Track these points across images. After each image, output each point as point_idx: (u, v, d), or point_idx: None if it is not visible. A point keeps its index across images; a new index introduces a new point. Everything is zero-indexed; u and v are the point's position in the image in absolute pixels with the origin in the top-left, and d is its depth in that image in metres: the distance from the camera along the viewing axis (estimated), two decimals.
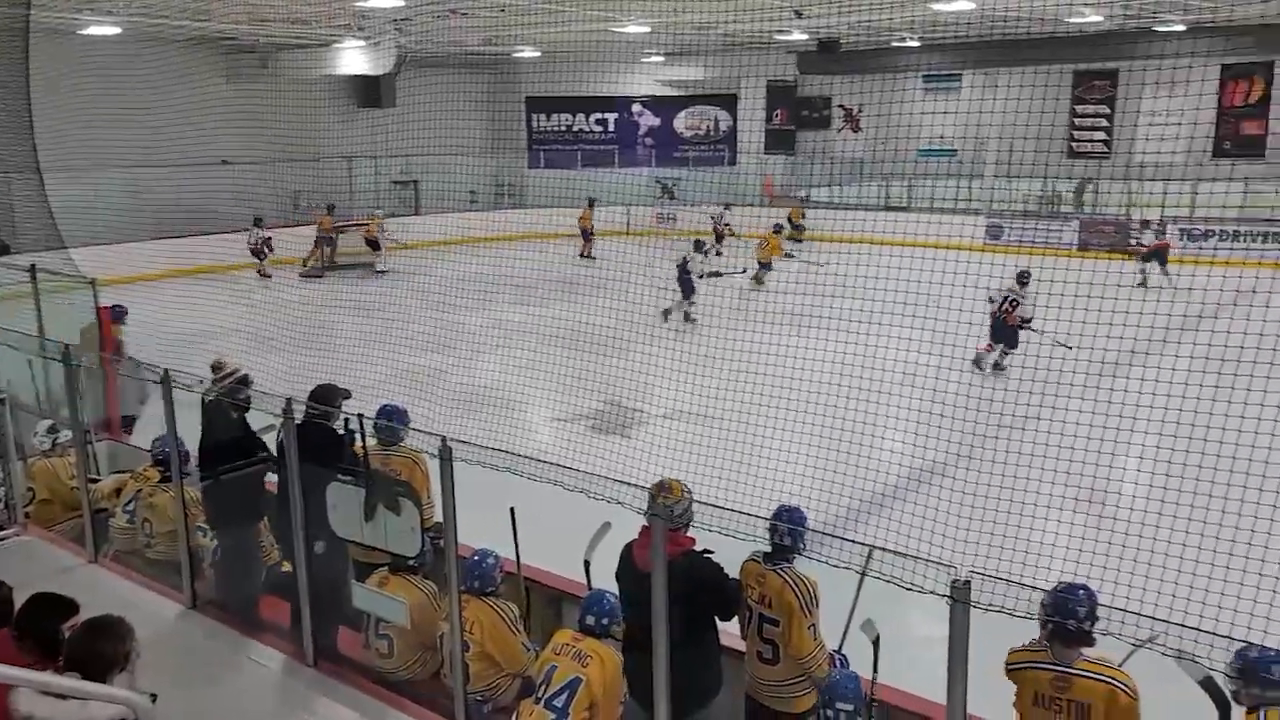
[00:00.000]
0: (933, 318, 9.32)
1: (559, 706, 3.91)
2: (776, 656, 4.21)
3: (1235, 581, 4.86)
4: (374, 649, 4.79)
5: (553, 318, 14.53)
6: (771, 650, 4.22)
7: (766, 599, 4.19)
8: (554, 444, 9.72)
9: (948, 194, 23.53)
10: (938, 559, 2.99)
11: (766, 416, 8.55)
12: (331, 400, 5.08)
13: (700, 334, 9.66)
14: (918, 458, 8.79)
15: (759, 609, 4.23)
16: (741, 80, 27.70)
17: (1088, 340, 8.23)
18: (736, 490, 5.97)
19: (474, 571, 4.50)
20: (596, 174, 24.96)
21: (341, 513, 4.44)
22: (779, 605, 4.15)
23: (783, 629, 4.16)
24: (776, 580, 4.16)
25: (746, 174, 26.54)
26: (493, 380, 11.71)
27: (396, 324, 14.44)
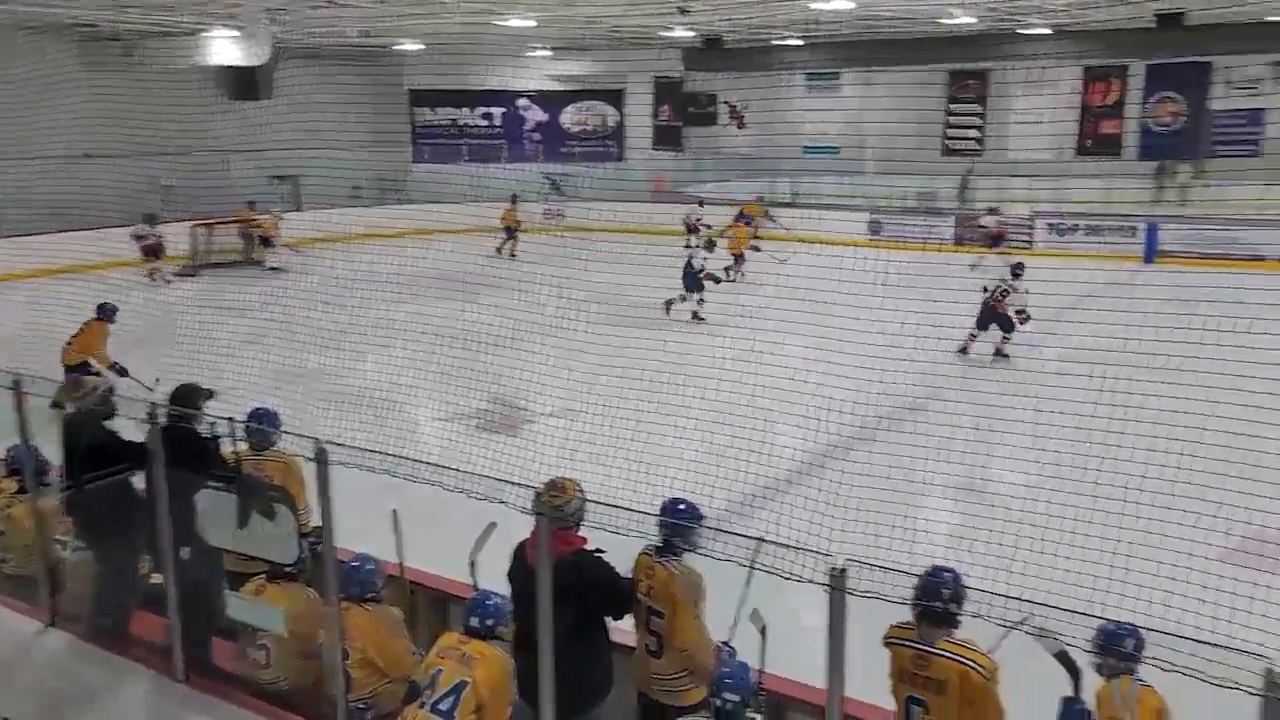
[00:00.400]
0: (816, 312, 9.51)
1: (445, 710, 3.84)
2: (661, 649, 4.23)
3: (1092, 561, 5.12)
4: (251, 660, 4.63)
5: (438, 316, 14.32)
6: (656, 642, 4.24)
7: (653, 591, 4.20)
8: (441, 444, 9.57)
9: (831, 190, 24.08)
10: (819, 549, 3.04)
11: (654, 413, 8.59)
12: (193, 402, 4.87)
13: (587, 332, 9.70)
14: (803, 451, 8.97)
15: (647, 601, 4.25)
16: (628, 76, 27.80)
17: (961, 333, 8.52)
18: (626, 487, 5.98)
19: (353, 577, 4.38)
20: (483, 169, 24.68)
21: (212, 520, 4.27)
22: (664, 597, 4.16)
23: (667, 621, 4.18)
24: (663, 572, 4.17)
25: (635, 170, 26.64)
26: (377, 380, 11.45)
27: (276, 323, 14.01)
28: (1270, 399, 6.41)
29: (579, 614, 4.04)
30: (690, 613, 4.13)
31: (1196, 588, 4.58)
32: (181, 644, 4.61)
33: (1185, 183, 24.36)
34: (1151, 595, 4.40)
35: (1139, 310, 7.23)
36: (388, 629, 4.38)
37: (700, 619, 4.18)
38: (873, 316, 8.42)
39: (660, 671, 4.26)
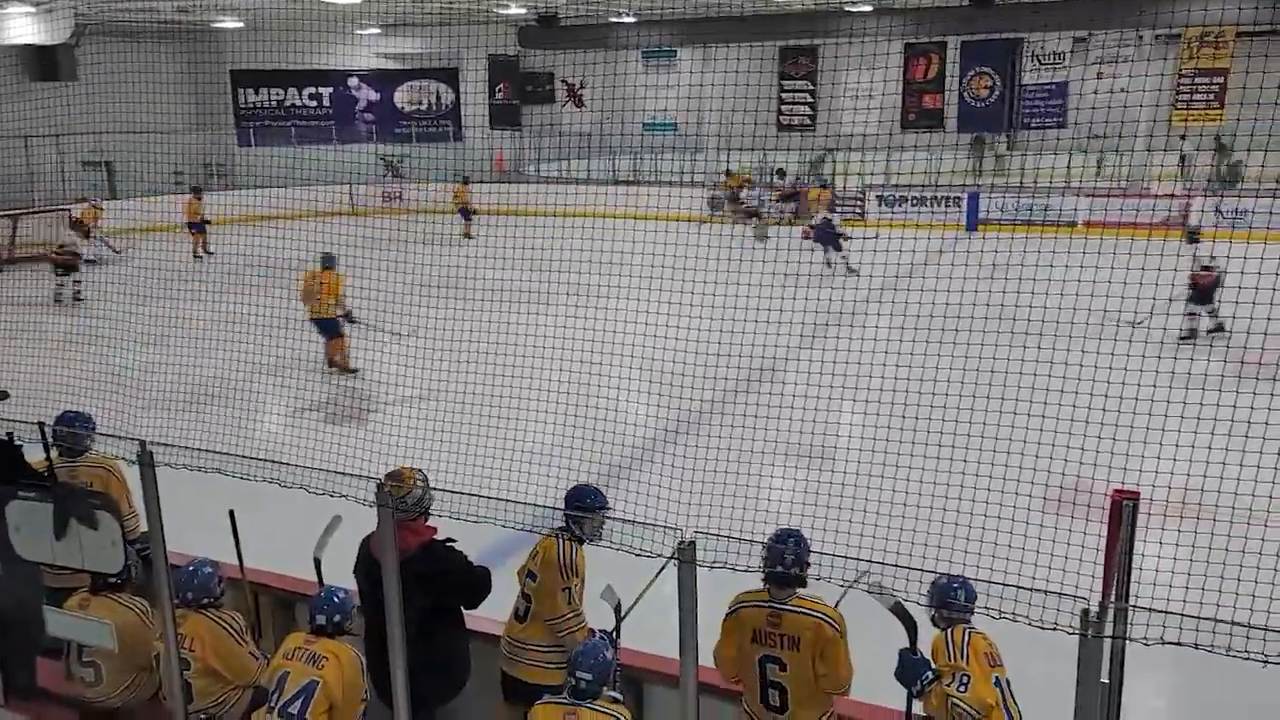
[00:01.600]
0: (660, 289, 9.63)
1: (295, 713, 3.71)
2: (527, 615, 4.25)
3: (924, 519, 5.38)
4: (78, 679, 4.35)
5: (273, 305, 13.74)
6: (525, 607, 4.26)
7: (537, 558, 4.24)
8: (284, 439, 9.23)
9: (671, 167, 24.36)
10: (667, 524, 3.08)
11: (504, 395, 8.52)
12: None
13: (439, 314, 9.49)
14: (650, 427, 9.08)
15: (529, 566, 4.28)
16: (463, 54, 27.29)
17: (805, 304, 8.80)
18: (480, 472, 5.92)
19: (189, 582, 4.17)
20: (314, 151, 23.78)
21: (26, 533, 3.97)
22: (541, 562, 4.19)
23: (538, 584, 4.20)
24: (552, 544, 4.20)
25: (475, 149, 26.23)
26: (212, 375, 10.92)
27: (95, 320, 13.16)
28: (1086, 356, 6.87)
29: (431, 605, 3.98)
30: (561, 583, 4.15)
31: (1019, 537, 4.88)
32: (3, 668, 4.29)
33: (1000, 153, 25.83)
34: (979, 548, 4.65)
35: (963, 276, 7.61)
36: (229, 634, 4.19)
37: (571, 597, 4.19)
38: (713, 291, 8.59)
39: (522, 639, 4.27)
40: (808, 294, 8.75)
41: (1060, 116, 24.35)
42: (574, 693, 3.51)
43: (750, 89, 20.65)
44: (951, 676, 3.38)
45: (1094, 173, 21.82)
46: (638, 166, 25.50)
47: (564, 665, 4.11)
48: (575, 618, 4.22)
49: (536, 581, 4.23)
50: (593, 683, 3.50)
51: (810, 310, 8.79)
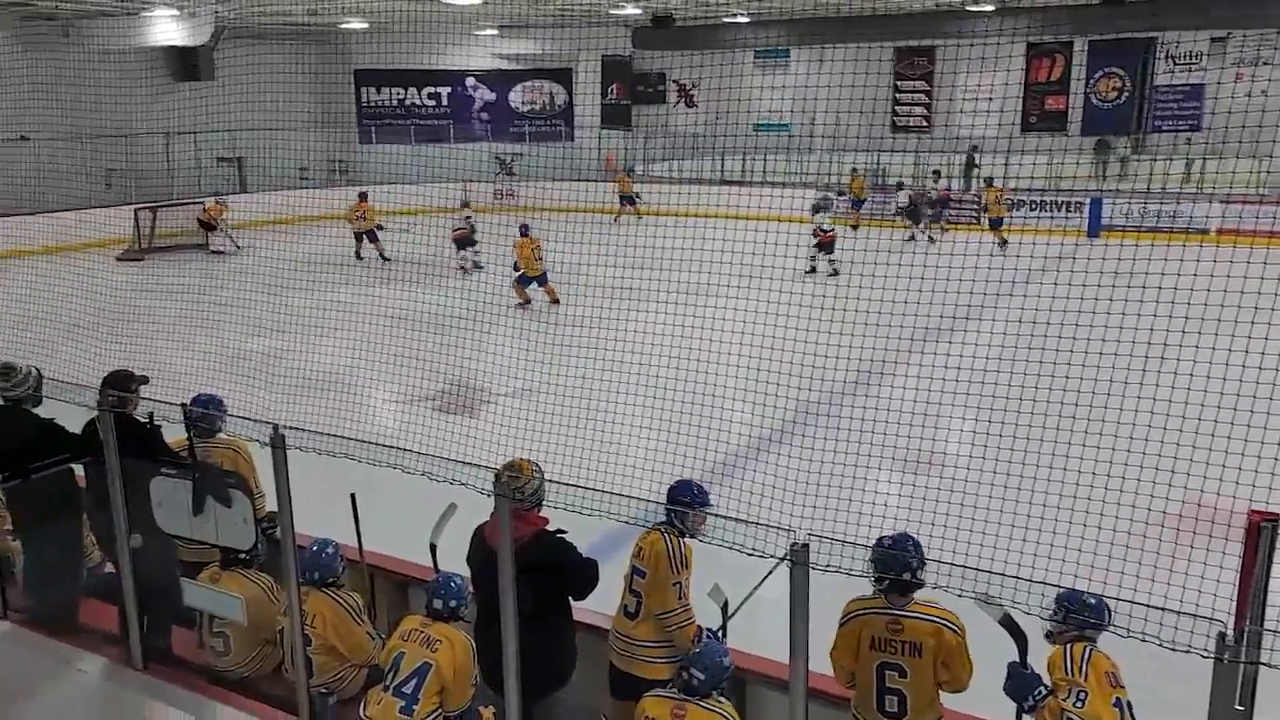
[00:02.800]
0: (769, 289, 9.59)
1: (408, 693, 3.84)
2: (639, 610, 4.25)
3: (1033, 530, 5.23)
4: (209, 647, 4.58)
5: (391, 298, 14.17)
6: (635, 603, 4.27)
7: (643, 554, 4.24)
8: (398, 427, 9.51)
9: (781, 168, 24.18)
10: (779, 524, 3.08)
11: (612, 390, 8.60)
12: (128, 387, 4.78)
13: (544, 311, 9.70)
14: (757, 427, 9.04)
15: (633, 561, 4.29)
16: (577, 55, 27.61)
17: (916, 307, 8.64)
18: (587, 466, 5.99)
19: (314, 562, 4.35)
20: (432, 149, 24.42)
21: (167, 508, 4.21)
22: (650, 557, 4.19)
23: (648, 581, 4.20)
24: (658, 538, 4.20)
25: (586, 149, 26.52)
26: (331, 363, 11.33)
27: (226, 307, 13.79)
28: (1214, 368, 6.57)
29: (540, 595, 4.01)
30: (671, 577, 4.15)
31: (1145, 554, 4.71)
32: (142, 632, 4.56)
33: (1125, 157, 24.84)
34: (1102, 563, 4.51)
35: (1084, 284, 7.38)
36: (349, 614, 4.36)
37: (682, 587, 4.18)
38: (822, 292, 8.50)
39: (634, 635, 4.28)
40: (920, 296, 8.58)
41: (1195, 120, 23.30)
42: (685, 689, 3.53)
43: (864, 90, 20.35)
44: (1068, 692, 3.28)
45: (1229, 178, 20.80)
46: (748, 167, 25.40)
47: (674, 660, 4.14)
48: (685, 612, 4.21)
49: (646, 578, 4.22)
50: (705, 683, 3.52)
51: (924, 313, 8.63)
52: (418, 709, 3.80)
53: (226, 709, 4.22)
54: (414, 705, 3.80)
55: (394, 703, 3.81)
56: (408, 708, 3.80)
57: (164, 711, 4.21)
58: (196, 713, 4.20)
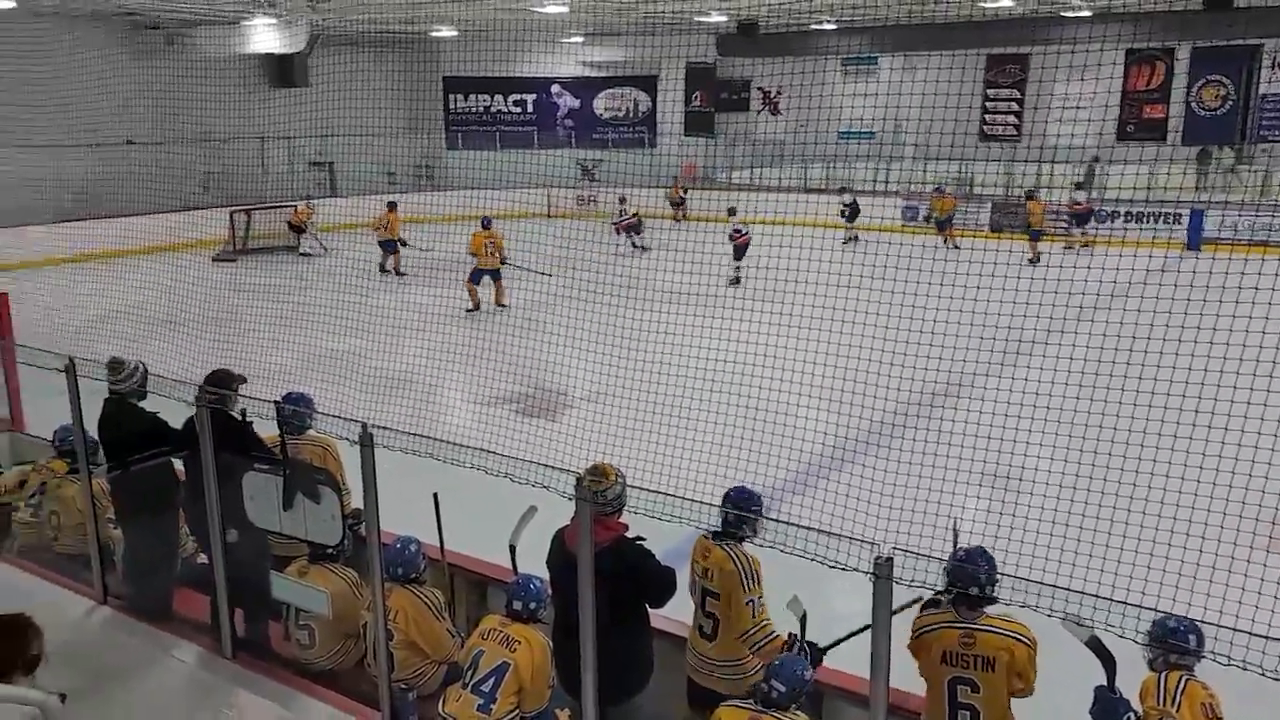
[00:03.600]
0: (851, 297, 9.49)
1: (486, 691, 3.88)
2: (715, 632, 4.23)
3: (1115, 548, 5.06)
4: (294, 640, 4.70)
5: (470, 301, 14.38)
6: (711, 625, 4.24)
7: (710, 573, 4.21)
8: (477, 428, 9.63)
9: (867, 175, 23.90)
10: (859, 536, 3.04)
11: (690, 398, 8.59)
12: (228, 386, 4.94)
13: (624, 315, 9.75)
14: (836, 437, 8.93)
15: (702, 583, 4.25)
16: (661, 62, 27.71)
17: (1002, 320, 8.45)
18: (663, 472, 5.99)
19: (397, 559, 4.43)
20: (516, 155, 24.74)
21: (259, 502, 4.33)
22: (720, 578, 4.16)
23: (723, 602, 4.17)
24: (720, 553, 4.17)
25: (668, 156, 26.59)
26: (412, 364, 11.54)
27: (313, 308, 14.15)
28: None
29: (619, 602, 3.98)
30: (745, 595, 4.11)
31: (1245, 578, 4.52)
32: (238, 624, 4.71)
33: (1228, 167, 23.93)
34: (1194, 586, 4.34)
35: (1187, 298, 7.12)
36: (430, 611, 4.42)
37: (756, 603, 4.13)
38: (905, 301, 8.37)
39: (713, 655, 4.26)
40: (1012, 309, 8.38)
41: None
42: (764, 700, 3.51)
43: (953, 97, 20.03)
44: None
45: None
46: (831, 174, 25.16)
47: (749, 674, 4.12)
48: (765, 628, 4.15)
49: (720, 600, 4.19)
50: (784, 695, 3.49)
51: (1014, 326, 8.44)
52: (495, 708, 3.84)
53: (311, 700, 4.31)
54: (491, 704, 3.84)
55: (472, 700, 3.86)
56: (485, 706, 3.84)
57: (252, 700, 4.33)
58: (282, 703, 4.31)
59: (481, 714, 3.85)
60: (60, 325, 10.01)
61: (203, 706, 4.39)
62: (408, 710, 4.26)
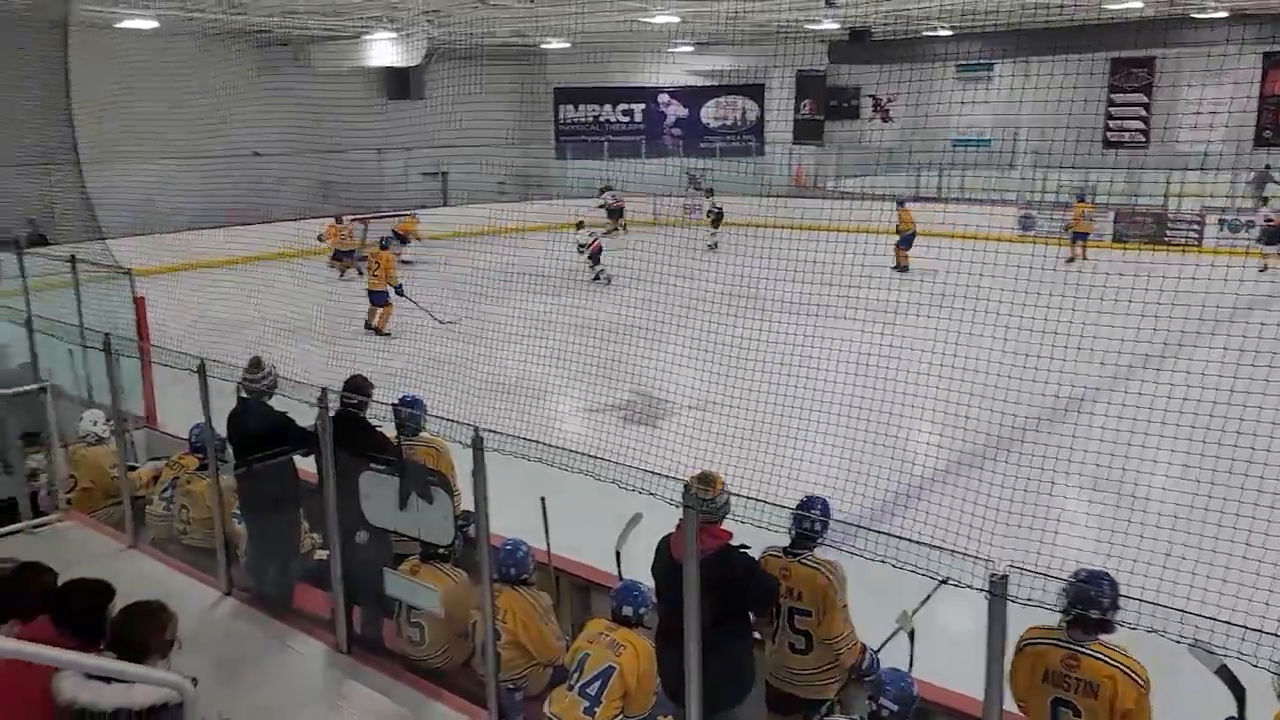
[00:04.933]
0: (962, 308, 9.27)
1: (592, 694, 3.92)
2: (809, 646, 4.21)
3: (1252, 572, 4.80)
4: (405, 637, 4.83)
5: (578, 308, 14.55)
6: (804, 640, 4.22)
7: (795, 591, 4.19)
8: (582, 434, 9.73)
9: (980, 184, 23.32)
10: (972, 552, 2.97)
11: (796, 408, 8.51)
12: (365, 391, 5.13)
13: (730, 324, 9.75)
14: (946, 450, 8.73)
15: (788, 602, 4.23)
16: (770, 70, 27.56)
17: (1127, 333, 8.13)
18: (766, 482, 5.95)
19: (508, 560, 4.52)
20: (623, 164, 24.94)
21: (375, 501, 4.47)
22: (810, 594, 4.14)
23: (815, 616, 4.16)
24: (804, 570, 4.17)
25: (776, 164, 26.42)
26: (520, 370, 11.74)
27: (423, 313, 14.54)
28: None
29: (723, 609, 3.98)
30: (839, 603, 4.13)
31: None
32: (357, 620, 4.87)
33: None
34: None
35: None
36: (538, 612, 4.49)
37: (847, 608, 4.17)
38: (1022, 314, 8.13)
39: (805, 667, 4.25)
40: (1127, 321, 8.07)
41: None
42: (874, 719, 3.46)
43: (1074, 103, 19.36)
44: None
45: None
46: (944, 183, 24.63)
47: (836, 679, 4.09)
48: (852, 634, 4.19)
49: (813, 617, 4.18)
50: (896, 714, 3.44)
51: (1135, 339, 8.11)
52: (600, 711, 3.87)
53: (421, 696, 4.42)
54: (597, 707, 3.88)
55: (578, 702, 3.91)
56: (591, 709, 3.89)
57: (365, 694, 4.46)
58: (394, 698, 4.43)
59: (587, 716, 3.90)
60: (190, 327, 10.50)
61: (320, 697, 4.54)
62: (514, 710, 4.33)
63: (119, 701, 2.79)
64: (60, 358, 7.79)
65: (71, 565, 3.75)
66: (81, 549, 5.82)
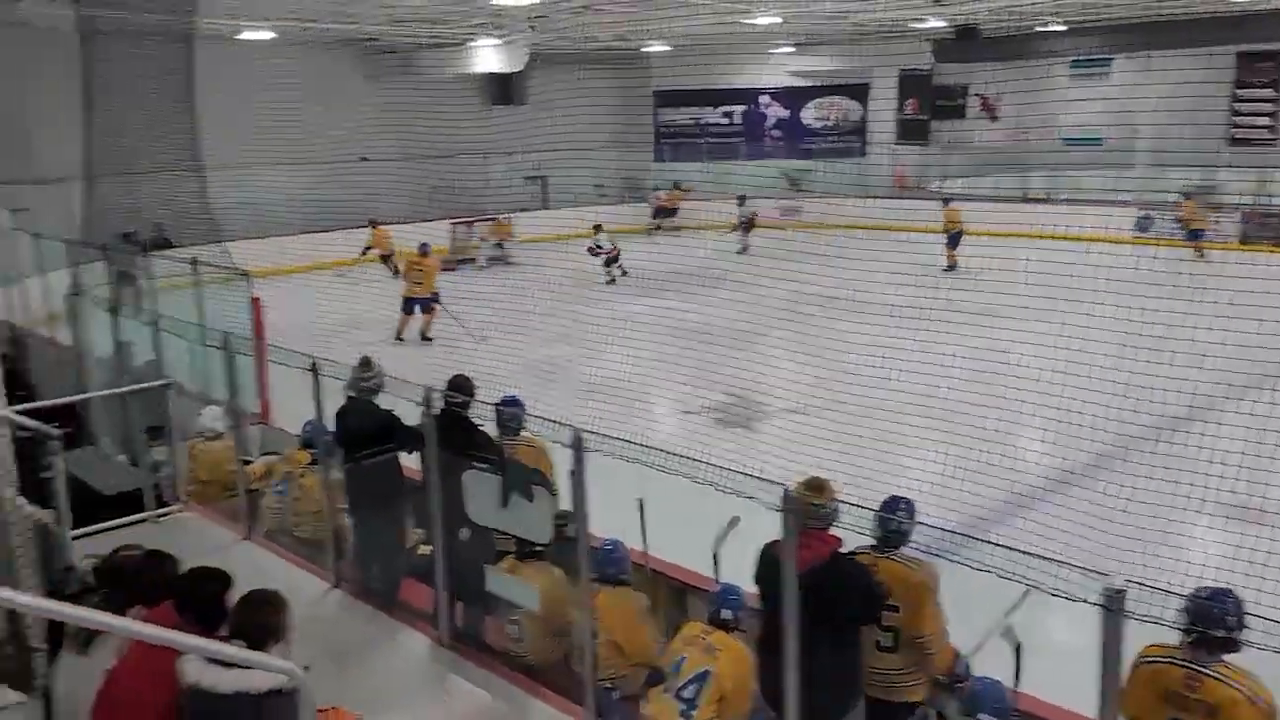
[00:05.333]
0: (1075, 312, 8.97)
1: (688, 698, 3.92)
2: (896, 644, 4.15)
3: None
4: (505, 633, 4.90)
5: (675, 311, 14.55)
6: (891, 638, 4.16)
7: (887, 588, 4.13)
8: (678, 436, 9.73)
9: (1093, 184, 22.51)
10: (1084, 565, 2.87)
11: (896, 413, 8.36)
12: (468, 390, 5.23)
13: (825, 327, 9.66)
14: (1056, 458, 8.45)
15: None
16: (873, 70, 27.13)
17: (1253, 339, 7.74)
18: (862, 487, 5.86)
19: (607, 560, 4.55)
20: (722, 166, 24.88)
21: (477, 499, 4.55)
22: (901, 589, 4.09)
23: (904, 613, 4.10)
24: (894, 566, 4.12)
25: (878, 165, 25.99)
26: (616, 372, 11.81)
27: (524, 315, 14.74)
28: None
29: (833, 618, 3.92)
30: (932, 599, 4.08)
31: None
32: (459, 615, 4.96)
33: None
34: None
35: None
36: (635, 613, 4.51)
37: (939, 612, 4.10)
38: (1140, 318, 7.83)
39: (891, 667, 4.18)
40: (1258, 328, 7.68)
41: None
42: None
43: (1196, 99, 18.55)
44: None
45: None
46: (1054, 183, 23.85)
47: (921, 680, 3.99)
48: (944, 632, 4.11)
49: (901, 613, 4.11)
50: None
51: (1262, 345, 7.73)
52: (697, 715, 3.87)
53: (520, 693, 4.48)
54: (693, 711, 3.87)
55: (674, 705, 3.90)
56: (687, 712, 3.88)
57: (467, 688, 4.55)
58: (494, 693, 4.50)
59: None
60: (301, 328, 10.86)
61: (423, 689, 4.64)
62: (612, 709, 4.35)
63: (237, 685, 2.90)
64: (181, 355, 8.14)
65: (190, 554, 3.91)
66: (199, 539, 6.07)
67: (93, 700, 3.24)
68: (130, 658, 3.24)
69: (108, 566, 3.87)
